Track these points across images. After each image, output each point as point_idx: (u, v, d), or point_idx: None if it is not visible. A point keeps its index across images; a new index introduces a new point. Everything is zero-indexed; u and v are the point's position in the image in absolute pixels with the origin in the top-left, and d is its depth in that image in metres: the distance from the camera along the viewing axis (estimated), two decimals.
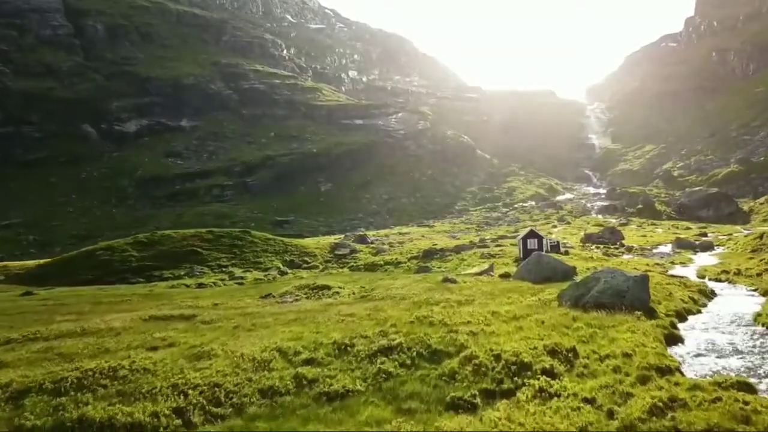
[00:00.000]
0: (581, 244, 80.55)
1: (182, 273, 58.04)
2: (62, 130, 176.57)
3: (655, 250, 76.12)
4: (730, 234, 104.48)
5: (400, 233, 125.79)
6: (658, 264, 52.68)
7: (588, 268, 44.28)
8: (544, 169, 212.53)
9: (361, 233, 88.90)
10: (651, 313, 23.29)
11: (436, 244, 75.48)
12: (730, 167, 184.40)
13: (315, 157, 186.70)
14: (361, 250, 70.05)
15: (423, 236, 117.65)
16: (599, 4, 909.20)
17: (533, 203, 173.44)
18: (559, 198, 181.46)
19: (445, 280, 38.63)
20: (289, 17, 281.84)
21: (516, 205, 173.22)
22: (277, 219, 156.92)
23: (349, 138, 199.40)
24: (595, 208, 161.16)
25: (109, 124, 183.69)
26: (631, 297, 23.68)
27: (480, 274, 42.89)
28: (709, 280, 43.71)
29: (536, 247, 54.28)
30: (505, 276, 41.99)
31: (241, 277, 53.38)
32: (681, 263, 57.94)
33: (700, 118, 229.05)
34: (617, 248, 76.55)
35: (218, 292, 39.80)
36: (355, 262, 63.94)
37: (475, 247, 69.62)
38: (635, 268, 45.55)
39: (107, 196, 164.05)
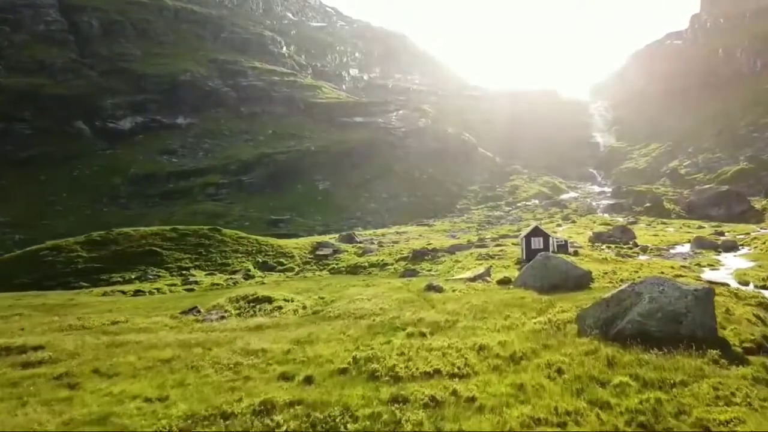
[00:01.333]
0: (590, 244, 71.80)
1: (133, 276, 49.94)
2: (55, 128, 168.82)
3: (672, 251, 67.29)
4: (747, 233, 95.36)
5: (397, 232, 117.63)
6: (684, 267, 43.84)
7: (605, 273, 35.58)
8: (548, 168, 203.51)
9: (348, 232, 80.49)
10: (724, 349, 14.75)
11: (430, 244, 67.11)
12: (740, 165, 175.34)
13: (313, 155, 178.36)
14: (346, 251, 61.76)
15: (420, 235, 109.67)
16: (601, 3, 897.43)
17: (537, 202, 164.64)
18: (564, 197, 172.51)
19: (429, 287, 30.20)
20: (289, 15, 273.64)
21: (519, 204, 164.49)
22: (273, 218, 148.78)
23: (349, 136, 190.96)
24: (601, 206, 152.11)
25: (104, 121, 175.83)
26: (692, 323, 15.23)
27: (474, 279, 34.40)
28: (756, 287, 34.93)
29: (541, 247, 45.72)
30: (503, 282, 33.42)
31: (196, 282, 45.15)
32: (709, 265, 49.11)
33: (706, 116, 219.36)
34: (630, 248, 67.79)
35: (144, 303, 31.66)
36: (337, 264, 55.72)
37: (473, 246, 61.19)
38: (661, 272, 36.74)
39: (99, 194, 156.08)
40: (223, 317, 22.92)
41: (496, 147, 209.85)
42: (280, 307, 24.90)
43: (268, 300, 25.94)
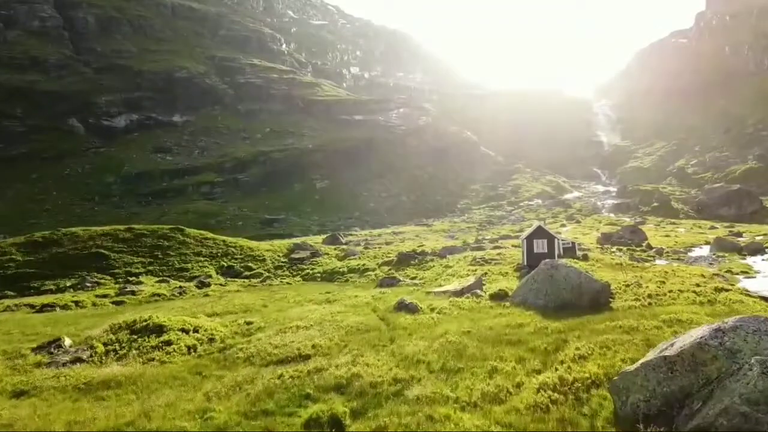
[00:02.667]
0: (599, 246, 64.01)
1: (68, 284, 42.65)
2: (47, 125, 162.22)
3: (691, 254, 59.42)
4: (765, 234, 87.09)
5: (394, 232, 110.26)
6: (717, 275, 35.91)
7: (626, 285, 28.03)
8: (551, 167, 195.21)
9: (334, 233, 72.64)
10: None
11: (422, 245, 59.57)
12: (748, 164, 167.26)
13: (311, 153, 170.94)
14: (326, 253, 54.27)
15: (417, 236, 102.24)
16: (605, 2, 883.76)
17: (540, 201, 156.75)
18: (567, 196, 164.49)
19: (401, 306, 22.73)
20: (290, 13, 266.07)
21: (522, 204, 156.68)
22: (267, 217, 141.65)
23: (348, 134, 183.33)
24: (606, 206, 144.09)
25: (97, 118, 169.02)
26: None
27: (461, 293, 26.74)
28: None
29: (545, 251, 38.06)
30: (498, 297, 25.71)
31: (133, 293, 37.60)
32: (742, 272, 41.31)
33: (713, 114, 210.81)
34: (644, 251, 60.08)
35: (25, 326, 24.09)
36: (312, 270, 48.34)
37: (468, 249, 53.66)
38: (697, 286, 29.13)
39: (90, 193, 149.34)
40: (78, 360, 15.66)
41: (498, 146, 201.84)
42: (169, 342, 17.59)
43: (159, 330, 18.59)
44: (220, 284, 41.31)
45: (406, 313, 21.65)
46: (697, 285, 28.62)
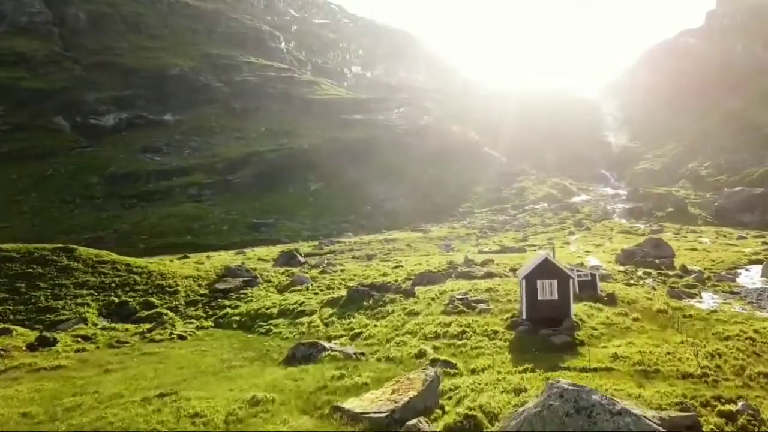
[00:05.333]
0: (620, 267, 50.10)
1: None
2: (32, 123, 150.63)
3: (739, 280, 45.48)
4: None
5: (385, 240, 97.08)
6: None
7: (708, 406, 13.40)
8: (557, 169, 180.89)
9: (292, 248, 58.83)
10: None
11: (399, 265, 46.41)
12: (767, 166, 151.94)
13: (306, 153, 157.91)
14: (268, 280, 41.12)
15: (409, 245, 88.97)
16: (610, 1, 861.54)
17: (545, 205, 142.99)
18: (575, 199, 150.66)
19: None
20: (292, 11, 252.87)
21: (526, 207, 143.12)
22: (255, 221, 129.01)
23: (346, 133, 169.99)
24: (617, 210, 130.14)
25: (84, 117, 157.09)
26: None
27: (391, 421, 12.87)
28: None
29: (554, 297, 24.63)
30: None
31: None
32: None
33: (725, 115, 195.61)
34: (679, 276, 46.17)
35: None
36: (233, 309, 35.19)
37: (454, 275, 40.43)
38: None
39: (71, 194, 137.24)
40: None
41: (502, 147, 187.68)
42: None
43: None
44: (83, 337, 28.03)
45: None
46: None
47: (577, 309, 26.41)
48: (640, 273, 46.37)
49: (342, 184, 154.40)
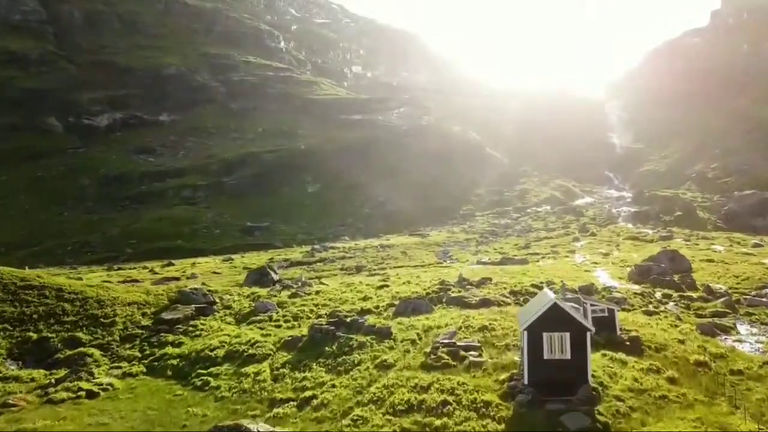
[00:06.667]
0: (635, 288, 43.96)
1: None
2: (23, 123, 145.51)
3: None
4: None
5: (381, 246, 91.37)
6: None
7: None
8: (560, 170, 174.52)
9: (269, 265, 53.00)
10: None
11: (386, 281, 41.13)
12: None
13: (304, 154, 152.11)
14: (227, 306, 35.06)
15: (404, 252, 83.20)
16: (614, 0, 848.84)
17: (548, 208, 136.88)
18: (578, 202, 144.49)
19: None
20: (292, 11, 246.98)
21: (529, 210, 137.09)
22: (249, 225, 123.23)
23: (345, 134, 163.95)
24: (623, 214, 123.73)
25: (78, 117, 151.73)
26: None
27: None
28: None
29: (566, 356, 18.56)
30: None
31: None
32: None
33: (731, 115, 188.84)
34: (705, 299, 39.91)
35: None
36: (174, 349, 29.02)
37: (445, 298, 34.67)
38: None
39: (62, 196, 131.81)
40: None
41: (505, 148, 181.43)
42: None
43: None
44: None
45: None
46: None
47: (593, 361, 20.32)
48: (658, 295, 40.26)
49: (340, 186, 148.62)
